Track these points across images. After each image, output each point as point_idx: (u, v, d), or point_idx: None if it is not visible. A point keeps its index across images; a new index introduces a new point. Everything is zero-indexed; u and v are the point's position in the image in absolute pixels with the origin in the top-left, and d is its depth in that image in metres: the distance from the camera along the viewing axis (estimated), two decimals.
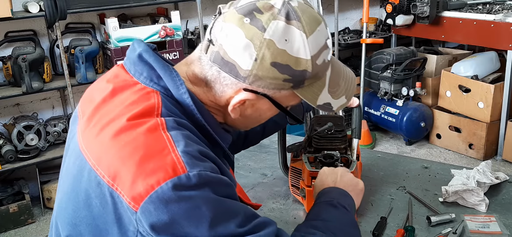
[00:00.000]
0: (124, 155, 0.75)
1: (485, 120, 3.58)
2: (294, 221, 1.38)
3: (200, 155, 0.77)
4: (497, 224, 1.29)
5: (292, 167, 1.45)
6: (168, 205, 0.71)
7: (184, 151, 0.75)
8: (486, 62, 3.75)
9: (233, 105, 0.86)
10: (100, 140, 0.80)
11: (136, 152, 0.75)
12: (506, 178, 1.51)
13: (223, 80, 0.85)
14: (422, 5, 3.79)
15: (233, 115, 0.89)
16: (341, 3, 4.32)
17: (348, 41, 4.36)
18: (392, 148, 3.99)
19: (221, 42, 0.83)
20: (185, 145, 0.76)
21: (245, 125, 0.98)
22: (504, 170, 3.43)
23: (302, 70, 0.83)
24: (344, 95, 0.93)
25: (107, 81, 0.90)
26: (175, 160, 0.74)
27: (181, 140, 0.77)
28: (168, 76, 0.85)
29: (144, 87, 0.85)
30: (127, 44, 3.26)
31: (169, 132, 0.77)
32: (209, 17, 3.98)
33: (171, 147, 0.75)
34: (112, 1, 3.18)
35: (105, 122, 0.82)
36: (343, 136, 1.44)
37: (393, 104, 3.96)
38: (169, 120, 0.80)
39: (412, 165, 1.69)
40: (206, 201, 0.74)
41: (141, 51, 0.88)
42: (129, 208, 0.73)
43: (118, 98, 0.85)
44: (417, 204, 1.43)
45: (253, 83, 0.83)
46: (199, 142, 0.82)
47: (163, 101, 0.83)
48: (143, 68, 0.86)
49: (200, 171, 0.74)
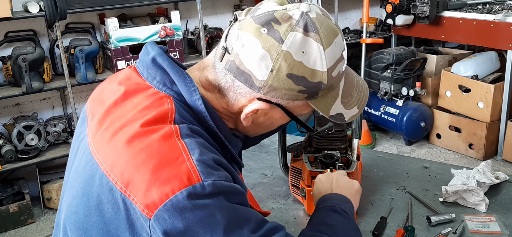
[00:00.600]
0: (138, 162, 0.75)
1: (485, 120, 3.58)
2: (294, 221, 1.39)
3: (214, 164, 0.77)
4: (497, 224, 1.29)
5: (293, 167, 1.45)
6: (183, 213, 0.72)
7: (199, 160, 0.75)
8: (486, 62, 3.75)
9: (246, 114, 0.87)
10: (113, 146, 0.79)
11: (150, 159, 0.74)
12: (506, 178, 1.51)
13: (237, 88, 0.85)
14: (422, 5, 3.79)
15: (245, 123, 0.90)
16: (341, 3, 4.32)
17: (348, 41, 4.35)
18: (392, 148, 3.99)
19: (237, 52, 0.82)
20: (200, 154, 0.76)
21: (256, 132, 0.98)
22: (504, 170, 3.43)
23: (317, 82, 0.83)
24: (357, 106, 0.93)
25: (119, 83, 0.89)
26: (190, 169, 0.74)
27: (196, 148, 0.77)
28: (182, 82, 0.84)
29: (157, 92, 0.85)
30: (127, 44, 3.26)
31: (183, 139, 0.77)
32: (209, 17, 3.98)
33: (186, 155, 0.75)
34: (112, 1, 3.18)
35: (117, 127, 0.81)
36: (343, 136, 1.44)
37: (393, 104, 3.96)
38: (183, 127, 0.79)
39: (412, 165, 1.69)
40: (220, 209, 0.74)
41: (155, 54, 0.87)
42: (143, 215, 0.73)
43: (131, 102, 0.84)
44: (417, 204, 1.43)
45: (267, 93, 0.83)
46: (212, 150, 0.82)
47: (177, 107, 0.83)
48: (157, 72, 0.86)
49: (215, 180, 0.75)
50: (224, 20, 4.08)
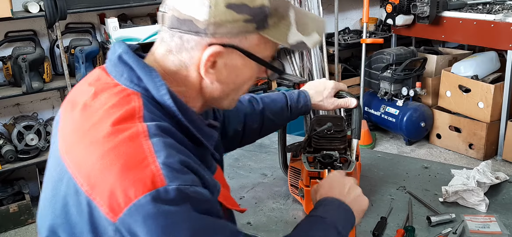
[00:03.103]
0: (104, 164, 0.73)
1: (485, 120, 3.58)
2: (294, 221, 1.38)
3: (181, 167, 0.75)
4: (497, 224, 1.29)
5: (292, 167, 1.45)
6: (146, 219, 0.69)
7: (165, 162, 0.73)
8: (486, 62, 3.75)
9: (205, 65, 0.83)
10: (81, 147, 0.78)
11: (116, 161, 0.72)
12: (506, 178, 1.51)
13: (187, 43, 0.82)
14: (422, 5, 3.79)
15: (208, 80, 0.86)
16: (341, 3, 4.32)
17: (348, 41, 4.36)
18: (392, 148, 3.99)
19: (173, 4, 0.82)
20: (166, 156, 0.73)
21: (226, 94, 0.91)
22: (504, 170, 3.43)
23: (259, 5, 0.81)
24: (316, 32, 0.91)
25: (89, 84, 0.87)
26: (154, 172, 0.71)
27: (163, 149, 0.74)
28: (148, 77, 0.83)
29: (124, 89, 0.83)
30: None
31: (151, 140, 0.75)
32: None
33: (152, 157, 0.73)
34: (112, 1, 3.18)
35: (86, 128, 0.79)
36: (342, 136, 1.44)
37: (393, 104, 3.96)
38: (151, 127, 0.77)
39: (412, 165, 1.69)
40: (186, 219, 0.72)
41: (121, 52, 0.86)
42: (107, 219, 0.72)
43: (99, 100, 0.82)
44: (417, 204, 1.43)
45: (215, 34, 0.80)
46: (182, 150, 0.79)
47: (145, 104, 0.81)
48: (123, 69, 0.84)
49: (180, 185, 0.72)
50: None
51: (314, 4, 4.04)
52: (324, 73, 4.20)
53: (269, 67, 0.91)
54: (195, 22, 0.80)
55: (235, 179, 1.65)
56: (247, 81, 0.91)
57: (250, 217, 1.41)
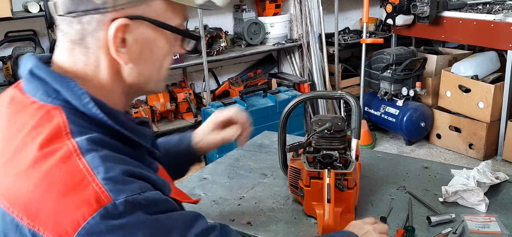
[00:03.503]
0: (41, 192, 0.68)
1: (485, 120, 3.58)
2: (294, 221, 1.38)
3: (124, 177, 0.70)
4: (497, 224, 1.29)
5: (291, 166, 1.45)
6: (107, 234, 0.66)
7: (106, 178, 0.68)
8: (486, 62, 3.75)
9: (114, 43, 0.75)
10: (10, 179, 0.71)
11: (54, 188, 0.67)
12: (506, 178, 1.51)
13: (89, 25, 0.75)
14: (422, 5, 3.79)
15: (122, 61, 0.78)
16: (341, 3, 4.32)
17: (348, 41, 4.36)
18: (392, 148, 3.99)
19: None
20: (106, 171, 0.69)
21: (147, 76, 0.83)
22: (504, 170, 3.43)
23: None
24: None
25: (6, 107, 0.79)
26: (97, 191, 0.67)
27: (100, 165, 0.69)
28: (66, 88, 0.75)
29: (43, 105, 0.75)
30: None
31: (85, 157, 0.70)
32: (209, 17, 3.98)
33: (91, 176, 0.68)
34: None
35: (9, 155, 0.73)
36: (342, 136, 1.44)
37: (393, 104, 3.96)
38: (82, 142, 0.71)
39: (412, 165, 1.69)
40: (140, 225, 0.69)
41: (32, 66, 0.78)
42: None
43: (16, 124, 0.75)
44: (417, 204, 1.43)
45: (116, 6, 0.74)
46: (121, 159, 0.74)
47: (69, 117, 0.74)
48: (38, 84, 0.77)
49: (127, 197, 0.68)
50: (224, 20, 4.08)
51: (314, 4, 4.04)
52: (324, 73, 4.20)
53: (183, 34, 0.84)
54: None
55: (235, 179, 1.65)
56: (165, 56, 0.83)
57: (250, 217, 1.41)
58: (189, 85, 3.89)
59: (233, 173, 1.71)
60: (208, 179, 1.67)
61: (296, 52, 4.23)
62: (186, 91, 3.66)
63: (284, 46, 4.03)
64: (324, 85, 4.20)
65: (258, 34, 3.95)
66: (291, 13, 4.15)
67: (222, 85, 3.96)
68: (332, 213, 1.25)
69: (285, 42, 4.05)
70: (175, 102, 3.64)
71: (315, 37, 4.08)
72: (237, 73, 4.28)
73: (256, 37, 3.95)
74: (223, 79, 4.13)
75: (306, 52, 4.11)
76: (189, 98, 3.62)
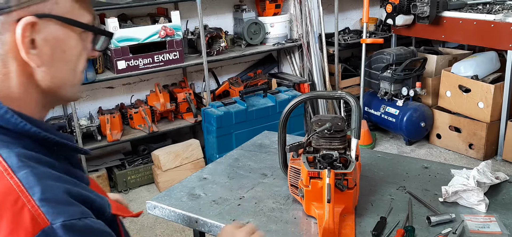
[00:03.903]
0: None
1: (485, 120, 3.58)
2: (294, 221, 1.38)
3: (63, 199, 0.65)
4: (497, 224, 1.29)
5: (291, 167, 1.45)
6: None
7: (42, 199, 0.63)
8: (486, 62, 3.75)
9: (23, 43, 0.69)
10: None
11: None
12: (506, 178, 1.51)
13: None
14: (422, 5, 3.79)
15: (34, 64, 0.71)
16: (341, 3, 4.32)
17: (348, 41, 4.36)
18: (392, 148, 3.99)
19: None
20: (42, 191, 0.63)
21: (62, 79, 0.77)
22: (504, 170, 3.43)
23: None
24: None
25: None
26: (33, 213, 0.62)
27: (36, 184, 0.63)
28: None
29: None
30: (127, 44, 3.27)
31: (17, 175, 0.64)
32: (209, 17, 3.98)
33: (25, 197, 0.62)
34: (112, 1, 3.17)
35: None
36: (342, 136, 1.44)
37: (393, 104, 3.95)
38: (11, 158, 0.65)
39: (412, 165, 1.69)
40: None
41: None
42: None
43: None
44: (417, 204, 1.43)
45: (20, 4, 0.69)
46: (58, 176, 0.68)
47: None
48: None
49: (65, 220, 0.63)
50: (224, 20, 4.08)
51: (314, 4, 4.04)
52: (324, 73, 4.20)
53: (95, 31, 0.79)
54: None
55: (235, 179, 1.65)
56: (78, 57, 0.78)
57: (250, 217, 1.41)
58: (189, 85, 3.89)
59: (233, 173, 1.71)
60: (208, 179, 1.67)
61: (296, 52, 4.23)
62: (186, 91, 3.66)
63: (284, 46, 4.03)
64: (324, 85, 4.20)
65: (258, 34, 3.95)
66: (291, 13, 4.15)
67: (222, 85, 3.96)
68: (332, 213, 1.25)
69: (285, 42, 4.05)
70: (175, 102, 3.64)
71: (315, 37, 4.08)
72: (237, 73, 4.28)
73: (256, 37, 3.95)
74: (223, 79, 4.13)
75: (306, 52, 4.11)
76: (189, 98, 3.62)
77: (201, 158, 3.50)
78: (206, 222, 1.42)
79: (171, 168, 3.38)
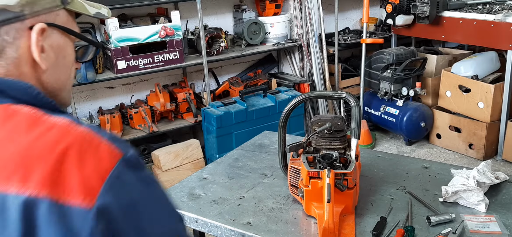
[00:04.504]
0: (53, 161, 0.67)
1: (485, 120, 3.58)
2: (294, 221, 1.39)
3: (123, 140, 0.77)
4: (497, 224, 1.29)
5: (291, 166, 1.45)
6: (122, 187, 0.69)
7: (110, 138, 0.72)
8: (486, 62, 3.75)
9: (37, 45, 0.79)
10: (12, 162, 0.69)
11: (66, 153, 0.68)
12: (506, 178, 1.51)
13: (7, 35, 0.78)
14: (422, 5, 3.79)
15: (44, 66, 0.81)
16: (341, 3, 4.32)
17: (348, 41, 4.36)
18: (392, 148, 3.99)
19: None
20: (107, 134, 0.73)
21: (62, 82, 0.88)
22: (504, 170, 3.43)
23: None
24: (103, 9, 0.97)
25: None
26: (109, 147, 0.71)
27: (99, 131, 0.73)
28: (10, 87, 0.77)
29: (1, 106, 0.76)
30: (127, 44, 3.27)
31: (82, 126, 0.73)
32: (209, 17, 3.98)
33: (97, 137, 0.72)
34: (112, 1, 3.18)
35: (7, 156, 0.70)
36: (342, 136, 1.44)
37: (393, 104, 3.95)
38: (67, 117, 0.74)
39: (412, 165, 1.69)
40: (152, 177, 0.77)
41: None
42: (81, 210, 0.65)
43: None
44: (417, 204, 1.43)
45: (33, 13, 0.79)
46: None
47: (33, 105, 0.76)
48: None
49: (134, 152, 0.74)
50: (224, 20, 4.08)
51: (314, 4, 4.04)
52: (324, 73, 4.20)
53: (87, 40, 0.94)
54: (9, 8, 0.77)
55: (235, 179, 1.65)
56: (72, 64, 0.90)
57: (250, 217, 1.41)
58: (189, 85, 3.89)
59: (233, 173, 1.71)
60: (208, 179, 1.67)
61: (296, 52, 4.23)
62: (186, 91, 3.66)
63: (284, 46, 4.03)
64: (324, 85, 4.20)
65: (258, 34, 3.95)
66: (291, 13, 4.15)
67: (222, 85, 3.96)
68: (332, 213, 1.25)
69: (285, 42, 4.05)
70: (175, 102, 3.64)
71: (315, 37, 4.08)
72: (237, 73, 4.28)
73: (256, 37, 3.95)
74: (223, 79, 4.13)
75: (306, 52, 4.11)
76: (189, 98, 3.62)
77: (201, 158, 3.50)
78: (206, 222, 1.42)
79: (171, 168, 3.38)
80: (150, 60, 3.39)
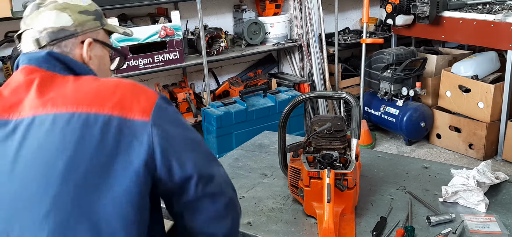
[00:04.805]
0: (123, 93, 0.99)
1: (485, 120, 3.58)
2: (294, 221, 1.39)
3: None
4: (497, 224, 1.29)
5: (291, 167, 1.45)
6: (164, 110, 1.02)
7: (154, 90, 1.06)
8: (486, 62, 3.75)
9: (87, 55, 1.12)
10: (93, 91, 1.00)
11: (132, 88, 1.01)
12: (506, 178, 1.51)
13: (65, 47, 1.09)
14: (422, 5, 3.79)
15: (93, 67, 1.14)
16: (341, 3, 4.32)
17: (348, 41, 4.36)
18: (392, 148, 3.99)
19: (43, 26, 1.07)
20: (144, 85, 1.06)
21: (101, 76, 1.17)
22: (504, 170, 3.43)
23: (95, 9, 1.17)
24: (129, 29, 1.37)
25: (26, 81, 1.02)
26: (151, 90, 1.04)
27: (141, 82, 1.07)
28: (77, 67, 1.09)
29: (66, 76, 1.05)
30: (127, 44, 3.26)
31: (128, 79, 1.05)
32: (209, 17, 3.98)
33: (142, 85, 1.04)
34: (112, 1, 3.17)
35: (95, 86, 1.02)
36: (342, 136, 1.44)
37: (393, 104, 3.95)
38: None
39: (412, 165, 1.69)
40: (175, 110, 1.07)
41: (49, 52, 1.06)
42: (141, 122, 0.97)
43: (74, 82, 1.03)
44: (417, 204, 1.43)
45: (83, 31, 1.11)
46: None
47: None
48: (54, 63, 1.05)
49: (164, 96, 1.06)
50: (224, 20, 4.08)
51: (314, 4, 4.04)
52: (324, 73, 4.20)
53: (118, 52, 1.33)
54: (66, 28, 1.09)
55: (235, 179, 1.65)
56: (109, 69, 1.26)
57: (250, 217, 1.41)
58: (189, 85, 3.89)
59: (233, 173, 1.71)
60: None
61: (296, 52, 4.23)
62: (186, 91, 3.66)
63: (284, 46, 4.03)
64: (324, 85, 4.20)
65: (258, 34, 3.95)
66: (291, 13, 4.15)
67: (222, 85, 3.96)
68: (332, 213, 1.25)
69: (285, 42, 4.04)
70: (175, 102, 3.63)
71: (315, 37, 4.08)
72: (237, 73, 4.28)
73: (256, 37, 3.95)
74: (223, 79, 4.13)
75: (306, 52, 4.11)
76: (189, 98, 3.62)
77: None
78: None
79: None
80: (150, 60, 3.39)
